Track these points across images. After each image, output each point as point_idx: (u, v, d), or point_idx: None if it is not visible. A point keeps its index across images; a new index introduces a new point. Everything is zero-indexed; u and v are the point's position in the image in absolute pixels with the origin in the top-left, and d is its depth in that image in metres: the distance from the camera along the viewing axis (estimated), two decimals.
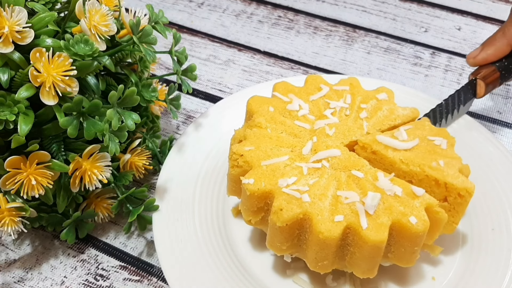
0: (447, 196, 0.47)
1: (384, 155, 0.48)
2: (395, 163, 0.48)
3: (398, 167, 0.48)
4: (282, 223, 0.43)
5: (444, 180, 0.46)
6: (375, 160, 0.49)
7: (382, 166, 0.49)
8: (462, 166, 0.48)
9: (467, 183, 0.46)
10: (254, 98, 0.53)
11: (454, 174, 0.47)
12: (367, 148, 0.49)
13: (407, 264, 0.46)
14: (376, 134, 0.50)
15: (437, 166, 0.47)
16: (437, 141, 0.49)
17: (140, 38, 0.48)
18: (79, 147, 0.49)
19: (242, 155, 0.47)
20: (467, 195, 0.46)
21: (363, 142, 0.49)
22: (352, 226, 0.43)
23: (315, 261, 0.45)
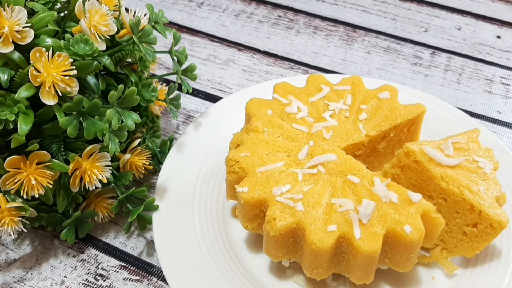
0: (478, 223, 0.47)
1: (426, 167, 0.48)
2: (435, 178, 0.47)
3: (437, 182, 0.47)
4: (275, 233, 0.43)
5: (479, 208, 0.46)
6: (414, 170, 0.48)
7: (420, 177, 0.48)
8: (500, 194, 0.47)
9: (502, 216, 0.46)
10: (252, 101, 0.53)
11: (491, 204, 0.46)
12: (410, 155, 0.48)
13: (403, 269, 0.46)
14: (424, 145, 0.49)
15: (477, 192, 0.46)
16: (481, 163, 0.48)
17: (140, 38, 0.48)
18: (79, 147, 0.49)
19: (237, 162, 0.47)
20: (498, 227, 0.46)
21: (408, 149, 0.48)
22: (346, 236, 0.43)
23: (310, 269, 0.45)
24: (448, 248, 0.50)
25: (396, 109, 0.52)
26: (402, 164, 0.49)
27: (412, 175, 0.49)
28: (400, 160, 0.49)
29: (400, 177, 0.50)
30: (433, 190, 0.48)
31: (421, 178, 0.48)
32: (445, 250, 0.50)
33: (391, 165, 0.50)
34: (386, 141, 0.53)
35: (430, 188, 0.48)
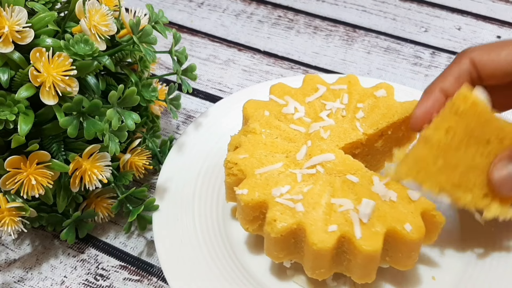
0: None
1: (485, 107, 0.43)
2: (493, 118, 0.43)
3: (496, 123, 0.43)
4: (276, 234, 0.43)
5: None
6: (473, 114, 0.43)
7: (477, 121, 0.43)
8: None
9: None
10: (249, 103, 0.53)
11: None
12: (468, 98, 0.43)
13: (405, 268, 0.46)
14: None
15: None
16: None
17: (140, 38, 0.48)
18: (79, 147, 0.49)
19: (236, 164, 0.47)
20: None
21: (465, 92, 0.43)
22: (346, 236, 0.42)
23: (312, 269, 0.45)
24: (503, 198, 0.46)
25: (392, 107, 0.52)
26: (461, 110, 0.43)
27: (469, 121, 0.43)
28: (458, 107, 0.43)
29: (457, 127, 0.43)
30: (490, 133, 0.44)
31: (479, 122, 0.43)
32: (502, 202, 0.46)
33: (443, 116, 0.44)
34: (384, 139, 0.53)
35: (487, 131, 0.44)
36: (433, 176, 0.44)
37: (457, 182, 0.44)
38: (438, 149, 0.43)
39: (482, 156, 0.44)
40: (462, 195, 0.45)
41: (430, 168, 0.44)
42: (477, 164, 0.44)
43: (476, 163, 0.44)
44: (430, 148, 0.43)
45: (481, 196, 0.45)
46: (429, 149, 0.43)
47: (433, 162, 0.44)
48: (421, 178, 0.44)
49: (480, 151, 0.44)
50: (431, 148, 0.43)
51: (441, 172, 0.44)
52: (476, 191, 0.45)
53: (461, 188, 0.45)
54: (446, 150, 0.43)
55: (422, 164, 0.44)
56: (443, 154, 0.43)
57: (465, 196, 0.45)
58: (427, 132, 0.44)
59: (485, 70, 0.44)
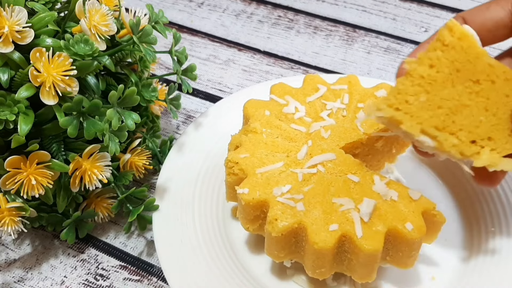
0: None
1: (474, 43, 0.40)
2: (483, 55, 0.40)
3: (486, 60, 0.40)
4: (277, 233, 0.43)
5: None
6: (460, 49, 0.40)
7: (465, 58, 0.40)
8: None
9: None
10: (250, 102, 0.53)
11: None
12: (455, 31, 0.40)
13: (405, 267, 0.46)
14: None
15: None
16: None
17: (140, 38, 0.48)
18: (79, 147, 0.49)
19: (237, 163, 0.47)
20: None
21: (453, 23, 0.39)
22: (347, 235, 0.43)
23: (313, 269, 0.45)
24: (498, 144, 0.42)
25: None
26: (446, 43, 0.39)
27: (456, 56, 0.40)
28: (444, 39, 0.39)
29: (441, 61, 0.40)
30: (480, 71, 0.40)
31: (467, 58, 0.40)
32: (494, 151, 0.42)
33: (427, 49, 0.40)
34: (384, 139, 0.53)
35: (476, 70, 0.40)
36: (413, 113, 0.40)
37: (441, 124, 0.40)
38: (421, 83, 0.39)
39: (470, 96, 0.40)
40: (447, 139, 0.40)
41: (411, 104, 0.39)
42: (465, 105, 0.40)
43: (464, 103, 0.40)
44: (411, 81, 0.39)
45: (468, 142, 0.41)
46: (410, 82, 0.39)
47: (414, 97, 0.39)
48: (400, 114, 0.39)
49: (468, 91, 0.40)
50: (413, 82, 0.39)
51: (423, 110, 0.40)
52: (463, 135, 0.41)
53: (445, 130, 0.40)
54: (430, 86, 0.39)
55: (402, 98, 0.39)
56: (426, 89, 0.39)
57: (450, 140, 0.40)
58: (409, 62, 0.40)
59: (475, 23, 0.43)
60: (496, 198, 0.54)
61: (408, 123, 0.39)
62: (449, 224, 0.53)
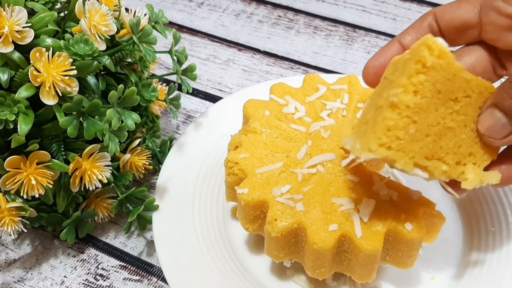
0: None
1: (451, 58, 0.37)
2: (460, 70, 0.37)
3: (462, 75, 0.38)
4: (276, 234, 0.43)
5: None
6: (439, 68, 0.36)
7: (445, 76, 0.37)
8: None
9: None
10: (250, 102, 0.53)
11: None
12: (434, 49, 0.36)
13: (405, 267, 0.46)
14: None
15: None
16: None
17: (140, 38, 0.48)
18: (79, 147, 0.49)
19: (237, 163, 0.47)
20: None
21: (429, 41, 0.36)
22: (347, 235, 0.43)
23: (313, 269, 0.45)
24: (478, 158, 0.41)
25: None
26: (428, 65, 0.36)
27: (437, 77, 0.37)
28: (425, 61, 0.36)
29: (425, 87, 0.36)
30: (457, 89, 0.38)
31: (446, 77, 0.37)
32: (476, 165, 0.40)
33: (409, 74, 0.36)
34: None
35: (455, 87, 0.38)
36: (405, 149, 0.37)
37: (430, 152, 0.38)
38: (409, 114, 0.36)
39: (452, 116, 0.38)
40: (437, 167, 0.39)
41: (402, 139, 0.37)
42: (449, 126, 0.38)
43: (447, 125, 0.38)
44: (399, 114, 0.36)
45: (454, 163, 0.39)
46: (398, 115, 0.36)
47: (404, 131, 0.36)
48: (393, 153, 0.37)
49: (450, 111, 0.38)
50: (401, 114, 0.36)
51: (413, 143, 0.37)
52: (449, 158, 0.39)
53: (434, 158, 0.38)
54: (416, 115, 0.37)
55: (393, 135, 0.36)
56: (413, 119, 0.37)
57: (440, 167, 0.39)
58: (396, 95, 0.36)
59: (444, 20, 0.42)
60: (496, 198, 0.54)
61: (402, 161, 0.37)
62: (449, 224, 0.53)
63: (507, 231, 0.51)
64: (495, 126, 0.39)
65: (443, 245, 0.52)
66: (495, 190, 0.55)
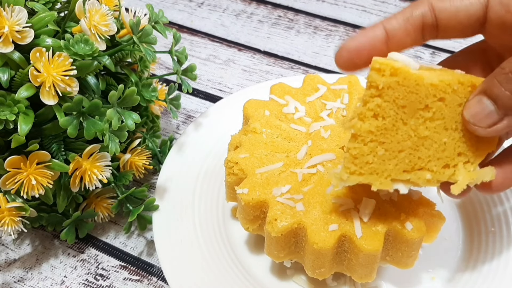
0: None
1: (408, 72, 0.37)
2: (422, 78, 0.37)
3: (427, 83, 0.37)
4: (276, 233, 0.43)
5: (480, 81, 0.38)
6: (396, 85, 0.37)
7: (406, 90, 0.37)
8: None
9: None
10: (250, 102, 0.53)
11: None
12: (384, 70, 0.36)
13: (405, 267, 0.46)
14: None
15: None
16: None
17: (140, 38, 0.48)
18: (79, 147, 0.49)
19: (237, 163, 0.47)
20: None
21: (378, 63, 0.36)
22: (347, 235, 0.43)
23: (313, 269, 0.45)
24: (469, 156, 0.40)
25: None
26: (381, 87, 0.37)
27: (396, 94, 0.37)
28: (376, 84, 0.37)
29: (384, 107, 0.37)
30: (425, 96, 0.37)
31: (407, 91, 0.37)
32: (468, 163, 0.40)
33: (364, 101, 0.37)
34: None
35: (421, 97, 0.37)
36: (378, 170, 0.39)
37: (408, 166, 0.39)
38: (373, 138, 0.38)
39: (425, 124, 0.38)
40: (420, 177, 0.39)
41: (371, 163, 0.38)
42: (424, 136, 0.38)
43: (422, 135, 0.38)
44: (362, 141, 0.38)
45: (440, 168, 0.40)
46: (361, 142, 0.38)
47: (372, 155, 0.38)
48: (365, 178, 0.39)
49: (421, 121, 0.38)
50: (364, 141, 0.38)
51: (386, 162, 0.39)
52: (433, 165, 0.39)
53: (414, 169, 0.39)
54: (382, 136, 0.38)
55: (361, 161, 0.38)
56: (380, 141, 0.38)
57: (423, 176, 0.39)
58: (353, 125, 0.38)
59: (445, 12, 0.39)
60: (496, 198, 0.54)
61: (377, 182, 0.39)
62: (449, 224, 0.53)
63: (507, 231, 0.51)
64: (481, 113, 0.37)
65: (443, 245, 0.52)
66: None
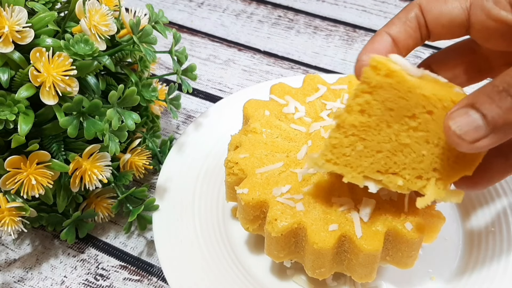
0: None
1: (403, 77, 0.36)
2: (414, 87, 0.36)
3: (419, 92, 0.37)
4: (276, 233, 0.43)
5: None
6: (388, 87, 0.37)
7: (396, 94, 0.37)
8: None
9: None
10: (250, 102, 0.53)
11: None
12: (380, 69, 0.36)
13: (405, 267, 0.45)
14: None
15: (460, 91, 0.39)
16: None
17: (140, 38, 0.48)
18: (79, 147, 0.49)
19: (237, 163, 0.47)
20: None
21: (376, 61, 0.36)
22: (347, 235, 0.43)
23: (313, 269, 0.45)
24: (444, 174, 0.39)
25: None
26: (373, 84, 0.37)
27: (386, 96, 0.37)
28: (369, 81, 0.37)
29: (372, 106, 0.38)
30: (414, 105, 0.37)
31: (398, 95, 0.37)
32: (440, 181, 0.39)
33: (354, 94, 0.38)
34: None
35: (411, 104, 0.37)
36: (353, 164, 0.40)
37: (382, 167, 0.40)
38: (355, 132, 0.39)
39: (408, 133, 0.38)
40: (391, 181, 0.40)
41: (348, 155, 0.40)
42: (404, 143, 0.38)
43: (402, 142, 0.39)
44: (344, 133, 0.39)
45: (414, 177, 0.40)
46: (343, 134, 0.39)
47: (350, 148, 0.39)
48: (339, 168, 0.40)
49: (405, 127, 0.38)
50: (346, 133, 0.39)
51: (362, 158, 0.39)
52: (406, 173, 0.40)
53: (388, 172, 0.40)
54: (364, 133, 0.39)
55: (338, 152, 0.40)
56: (361, 137, 0.39)
57: (394, 181, 0.40)
58: (339, 116, 0.39)
59: (431, 14, 0.40)
60: (496, 198, 0.54)
61: (349, 175, 0.40)
62: (449, 224, 0.53)
63: (507, 231, 0.51)
64: (468, 126, 0.36)
65: (443, 245, 0.52)
66: (495, 190, 0.55)
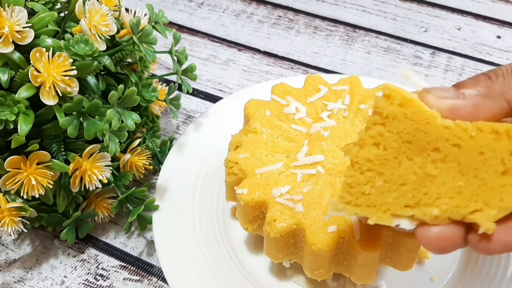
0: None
1: (420, 107, 0.33)
2: (436, 118, 0.33)
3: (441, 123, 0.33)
4: (275, 234, 0.43)
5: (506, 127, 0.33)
6: (403, 118, 0.33)
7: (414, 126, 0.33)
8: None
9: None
10: (251, 102, 0.53)
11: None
12: (394, 98, 0.33)
13: (404, 269, 0.45)
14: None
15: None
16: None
17: (140, 38, 0.48)
18: (79, 147, 0.49)
19: (237, 163, 0.47)
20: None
21: (388, 89, 0.33)
22: (346, 236, 0.43)
23: (311, 270, 0.45)
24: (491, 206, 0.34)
25: None
26: (385, 114, 0.34)
27: (402, 127, 0.34)
28: (381, 111, 0.34)
29: (386, 138, 0.34)
30: (436, 137, 0.33)
31: (415, 127, 0.33)
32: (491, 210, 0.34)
33: (366, 127, 0.34)
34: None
35: (431, 137, 0.33)
36: (376, 203, 0.35)
37: (412, 200, 0.35)
38: (371, 167, 0.35)
39: (435, 164, 0.34)
40: (426, 213, 0.35)
41: (368, 194, 0.35)
42: (432, 175, 0.34)
43: (429, 173, 0.34)
44: (359, 169, 0.35)
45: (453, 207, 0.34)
46: (358, 171, 0.35)
47: (369, 185, 0.35)
48: (362, 209, 0.35)
49: (430, 160, 0.34)
50: (361, 169, 0.35)
51: (385, 194, 0.35)
52: (443, 202, 0.35)
53: (420, 205, 0.35)
54: (382, 166, 0.34)
55: (357, 191, 0.35)
56: (379, 172, 0.34)
57: (429, 212, 0.34)
58: (349, 151, 0.35)
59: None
60: None
61: (375, 216, 0.35)
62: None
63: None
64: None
65: None
66: None
